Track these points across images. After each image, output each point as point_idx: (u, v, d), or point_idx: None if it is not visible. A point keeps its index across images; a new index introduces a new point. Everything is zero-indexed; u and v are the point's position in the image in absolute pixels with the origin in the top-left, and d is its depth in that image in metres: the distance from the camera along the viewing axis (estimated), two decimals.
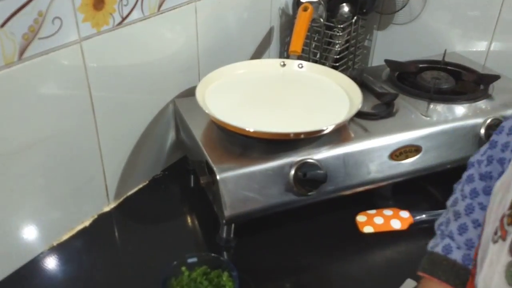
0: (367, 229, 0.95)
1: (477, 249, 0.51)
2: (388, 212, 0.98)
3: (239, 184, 0.82)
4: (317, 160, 0.86)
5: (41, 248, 0.89)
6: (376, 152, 0.92)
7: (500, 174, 0.53)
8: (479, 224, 0.56)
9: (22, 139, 0.78)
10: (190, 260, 0.81)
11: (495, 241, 0.43)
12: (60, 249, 0.90)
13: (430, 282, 0.55)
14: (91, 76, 0.86)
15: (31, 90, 0.77)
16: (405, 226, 0.95)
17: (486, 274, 0.42)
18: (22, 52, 0.73)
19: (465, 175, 0.62)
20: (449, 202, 0.63)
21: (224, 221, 0.86)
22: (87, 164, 0.93)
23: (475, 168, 0.61)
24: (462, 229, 0.56)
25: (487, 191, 0.57)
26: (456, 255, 0.54)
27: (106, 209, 1.00)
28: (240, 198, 0.82)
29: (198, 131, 0.95)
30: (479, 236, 0.54)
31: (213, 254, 0.82)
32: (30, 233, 0.86)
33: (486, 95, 1.08)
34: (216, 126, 0.94)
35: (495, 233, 0.43)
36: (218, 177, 0.81)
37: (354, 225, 0.96)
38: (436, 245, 0.58)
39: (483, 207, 0.57)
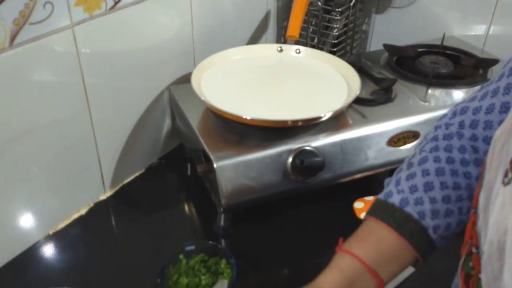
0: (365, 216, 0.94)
1: (476, 197, 0.51)
2: None
3: (237, 172, 0.81)
4: (315, 148, 0.85)
5: (38, 236, 0.89)
6: (374, 139, 0.91)
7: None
8: (427, 174, 0.59)
9: (14, 127, 0.77)
10: (188, 248, 0.81)
11: (506, 183, 0.42)
12: (56, 237, 0.90)
13: (369, 222, 0.60)
14: (84, 63, 0.84)
15: (23, 77, 0.75)
16: None
17: (498, 216, 0.42)
18: (13, 38, 0.71)
19: (429, 135, 0.65)
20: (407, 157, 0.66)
21: (221, 210, 0.85)
22: (82, 152, 0.92)
23: (441, 130, 0.64)
24: (410, 176, 0.59)
25: (448, 149, 0.61)
26: (394, 199, 0.58)
27: (102, 197, 0.99)
28: (237, 186, 0.82)
29: (194, 119, 0.93)
30: (424, 184, 0.58)
31: (211, 242, 0.82)
32: (26, 221, 0.86)
33: (485, 80, 1.07)
34: (213, 114, 0.93)
35: (505, 175, 0.43)
36: (215, 165, 0.80)
37: (352, 212, 0.95)
38: (381, 193, 0.62)
39: (437, 160, 0.60)
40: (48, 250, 0.88)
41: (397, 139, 0.93)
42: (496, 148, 0.47)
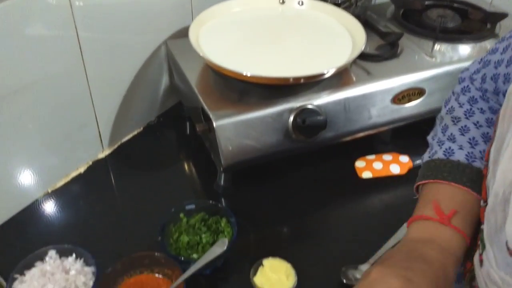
0: (366, 175, 0.94)
1: (488, 150, 0.49)
2: (387, 157, 0.97)
3: (237, 131, 0.80)
4: (317, 106, 0.83)
5: (36, 194, 0.88)
6: (378, 96, 0.88)
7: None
8: (480, 125, 0.55)
9: (8, 82, 0.75)
10: (188, 207, 0.80)
11: None
12: (55, 195, 0.89)
13: (433, 186, 0.53)
14: (78, 16, 0.80)
15: (16, 31, 0.72)
16: (404, 171, 0.94)
17: (506, 167, 0.41)
18: None
19: (458, 88, 0.61)
20: (442, 113, 0.62)
21: (221, 169, 0.84)
22: (78, 110, 0.90)
23: (468, 81, 0.61)
24: (464, 130, 0.55)
25: (485, 98, 0.57)
26: (459, 156, 0.52)
27: (101, 155, 0.98)
28: (237, 146, 0.80)
29: (192, 76, 0.90)
30: (482, 136, 0.53)
31: (211, 201, 0.82)
32: (24, 179, 0.85)
33: (493, 34, 1.03)
34: (212, 70, 0.90)
35: None
36: (214, 124, 0.78)
37: (353, 171, 0.95)
38: (434, 153, 0.55)
39: (483, 111, 0.56)
40: (48, 208, 0.87)
41: (402, 96, 0.90)
42: (510, 100, 0.45)
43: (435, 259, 0.45)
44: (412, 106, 0.92)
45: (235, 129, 0.79)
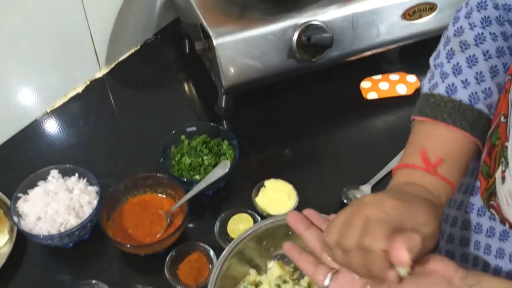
0: (371, 95, 0.91)
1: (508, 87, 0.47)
2: (394, 77, 0.94)
3: (238, 50, 0.76)
4: (323, 22, 0.78)
5: (35, 114, 0.87)
6: (388, 11, 0.83)
7: None
8: (490, 56, 0.50)
9: None
10: (189, 129, 0.79)
11: None
12: (54, 115, 0.88)
13: (428, 128, 0.50)
14: None
15: None
16: (411, 91, 0.92)
17: None
18: None
19: (472, 1, 0.53)
20: (449, 33, 0.55)
21: (222, 91, 0.81)
22: (72, 25, 0.85)
23: None
24: (472, 61, 0.50)
25: (500, 21, 0.51)
26: (462, 95, 0.49)
27: (98, 75, 0.95)
28: (239, 66, 0.77)
29: None
30: (490, 70, 0.49)
31: (212, 123, 0.80)
32: (22, 99, 0.84)
33: None
34: None
35: None
36: (214, 42, 0.74)
37: (358, 92, 0.92)
38: (435, 86, 0.51)
39: (495, 38, 0.50)
40: (47, 128, 0.87)
41: (413, 12, 0.85)
42: None
43: (423, 195, 0.44)
44: (423, 22, 0.87)
45: (236, 47, 0.76)
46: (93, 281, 0.65)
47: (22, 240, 0.70)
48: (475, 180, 0.52)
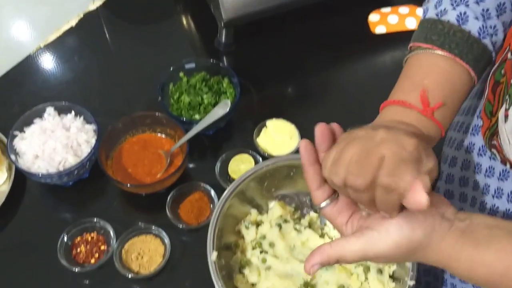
0: (379, 30, 0.87)
1: None
2: (404, 9, 0.89)
3: None
4: None
5: (29, 49, 0.83)
6: None
7: None
8: None
9: None
10: (187, 66, 0.76)
11: None
12: (48, 50, 0.84)
13: (430, 60, 0.46)
14: None
15: None
16: None
17: None
18: None
19: None
20: None
21: (222, 24, 0.77)
22: None
23: None
24: None
25: None
26: (472, 27, 0.45)
27: (92, 7, 0.90)
28: None
29: None
30: (497, 8, 0.46)
31: (212, 60, 0.77)
32: (15, 33, 0.81)
33: None
34: None
35: None
36: None
37: (366, 26, 0.87)
38: (444, 12, 0.47)
39: None
40: (42, 63, 0.83)
41: None
42: None
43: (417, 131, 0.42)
44: None
45: None
46: (95, 219, 0.65)
47: (21, 179, 0.70)
48: (476, 120, 0.51)
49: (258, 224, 0.65)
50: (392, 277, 0.59)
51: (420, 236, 0.36)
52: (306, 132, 0.72)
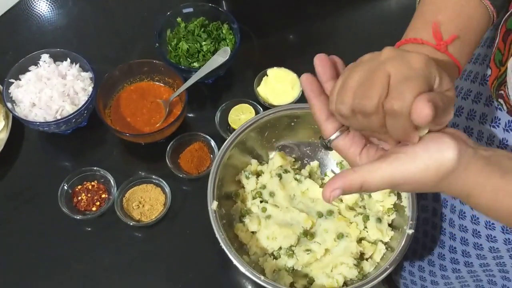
0: None
1: None
2: None
3: None
4: None
5: None
6: None
7: None
8: None
9: None
10: (185, 10, 0.73)
11: None
12: None
13: None
14: None
15: None
16: None
17: None
18: None
19: None
20: None
21: None
22: None
23: None
24: None
25: None
26: None
27: None
28: None
29: None
30: None
31: (211, 4, 0.74)
32: None
33: None
34: None
35: None
36: None
37: None
38: None
39: None
40: (35, 9, 0.80)
41: None
42: None
43: None
44: None
45: None
46: (95, 168, 0.65)
47: (18, 127, 0.69)
48: (485, 69, 0.50)
49: (258, 174, 0.65)
50: (391, 225, 0.60)
51: (448, 158, 0.34)
52: None
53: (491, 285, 0.56)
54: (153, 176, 0.65)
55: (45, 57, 0.69)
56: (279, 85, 0.70)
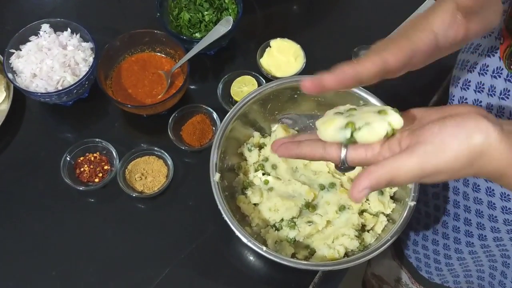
0: None
1: None
2: None
3: None
4: None
5: None
6: None
7: None
8: None
9: None
10: None
11: None
12: None
13: None
14: None
15: None
16: None
17: None
18: None
19: None
20: None
21: None
22: None
23: None
24: None
25: None
26: None
27: None
28: None
29: None
30: None
31: None
32: None
33: None
34: None
35: None
36: None
37: None
38: None
39: None
40: None
41: None
42: None
43: None
44: None
45: None
46: (97, 140, 0.65)
47: (20, 98, 0.69)
48: (493, 41, 0.49)
49: (260, 146, 0.65)
50: (393, 198, 0.60)
51: (478, 143, 0.33)
52: (311, 53, 0.69)
53: (504, 259, 0.57)
54: (155, 148, 0.65)
55: (45, 27, 0.68)
56: (282, 57, 0.69)
